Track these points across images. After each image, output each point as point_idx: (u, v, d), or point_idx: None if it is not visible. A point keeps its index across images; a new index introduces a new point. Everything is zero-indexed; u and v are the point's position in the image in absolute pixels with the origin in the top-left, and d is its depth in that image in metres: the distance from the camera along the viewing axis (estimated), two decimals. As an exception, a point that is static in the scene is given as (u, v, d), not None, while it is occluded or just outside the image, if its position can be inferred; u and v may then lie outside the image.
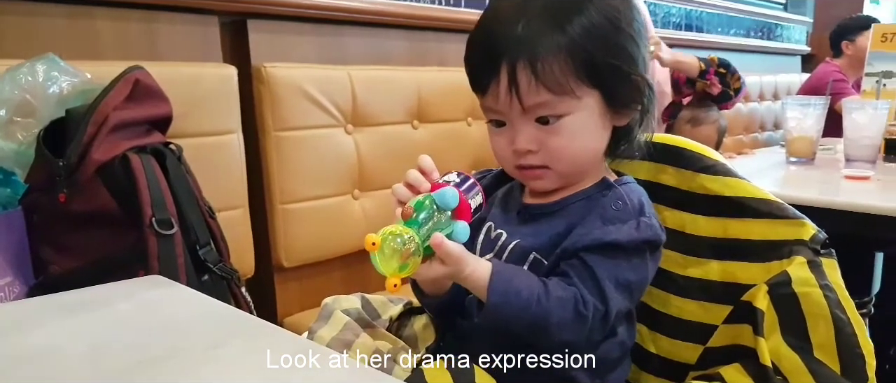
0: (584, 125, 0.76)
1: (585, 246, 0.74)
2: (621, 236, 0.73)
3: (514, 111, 0.75)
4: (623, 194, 0.78)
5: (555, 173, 0.79)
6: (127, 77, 1.19)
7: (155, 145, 1.19)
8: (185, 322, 0.75)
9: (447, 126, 2.03)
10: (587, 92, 0.75)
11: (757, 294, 0.76)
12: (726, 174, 0.84)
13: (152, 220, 1.11)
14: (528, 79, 0.72)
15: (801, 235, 0.77)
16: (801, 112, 1.69)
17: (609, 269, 0.73)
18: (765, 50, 4.09)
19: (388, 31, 1.98)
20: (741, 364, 0.74)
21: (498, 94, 0.75)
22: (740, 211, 0.82)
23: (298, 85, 1.67)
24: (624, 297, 0.75)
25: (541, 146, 0.76)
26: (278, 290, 1.73)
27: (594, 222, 0.76)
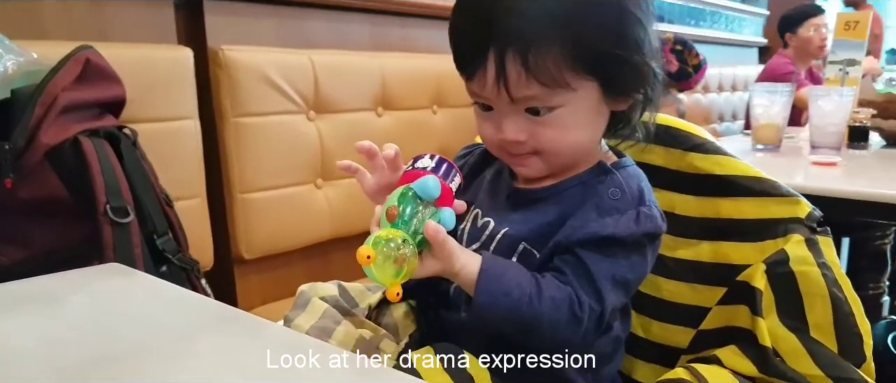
0: (578, 116, 0.70)
1: (580, 240, 0.69)
2: (619, 230, 0.69)
3: (502, 101, 0.69)
4: (621, 181, 0.72)
5: (544, 162, 0.73)
6: (77, 56, 1.12)
7: (108, 129, 1.12)
8: (150, 313, 0.69)
9: (412, 114, 1.98)
10: (584, 83, 0.69)
11: (754, 273, 0.73)
12: (716, 152, 0.81)
13: (106, 208, 1.04)
14: (519, 71, 0.66)
15: (797, 213, 0.75)
16: (767, 99, 1.69)
17: (606, 268, 0.68)
18: (723, 41, 4.13)
19: (350, 15, 1.92)
20: (738, 346, 0.72)
21: (484, 82, 0.68)
22: (732, 190, 0.79)
23: (258, 69, 1.60)
24: (620, 295, 0.71)
25: (530, 136, 0.71)
26: (238, 283, 1.67)
27: (589, 213, 0.70)
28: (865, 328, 0.69)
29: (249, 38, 1.65)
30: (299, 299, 0.81)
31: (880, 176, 1.53)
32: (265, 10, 1.72)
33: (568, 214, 0.72)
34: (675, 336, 0.83)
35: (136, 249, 1.07)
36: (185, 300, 0.74)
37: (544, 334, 0.67)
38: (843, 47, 1.84)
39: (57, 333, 0.64)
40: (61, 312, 0.69)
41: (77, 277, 0.79)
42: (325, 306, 0.78)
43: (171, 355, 0.59)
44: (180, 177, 1.45)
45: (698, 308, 0.81)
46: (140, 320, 0.67)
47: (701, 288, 0.81)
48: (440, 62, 2.08)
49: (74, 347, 0.60)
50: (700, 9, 3.87)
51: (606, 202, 0.71)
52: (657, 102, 0.76)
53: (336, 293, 0.83)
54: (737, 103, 3.91)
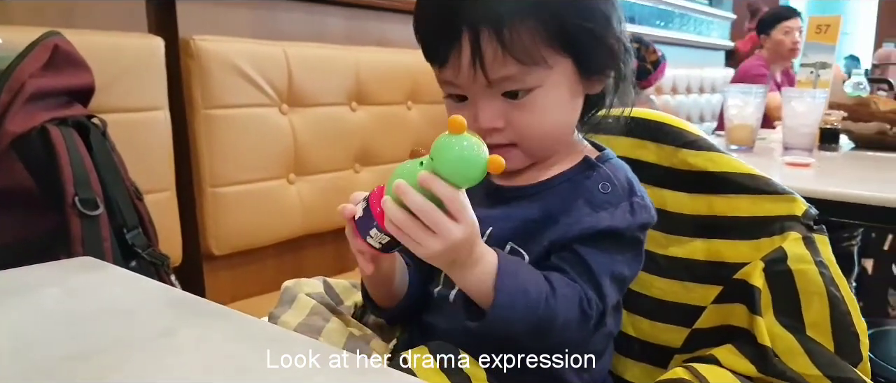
0: (556, 97, 0.69)
1: (577, 235, 0.67)
2: (616, 222, 0.67)
3: (478, 85, 0.67)
4: (609, 174, 0.71)
5: (522, 152, 0.71)
6: (45, 43, 1.08)
7: (77, 118, 1.08)
8: (127, 308, 0.66)
9: (386, 109, 1.96)
10: (560, 60, 0.67)
11: (752, 272, 0.72)
12: (709, 149, 0.81)
13: (75, 200, 1.00)
14: (495, 49, 0.64)
15: (793, 211, 0.75)
16: (741, 100, 1.70)
17: (605, 263, 0.67)
18: (691, 43, 4.18)
19: (325, 8, 1.89)
20: (735, 345, 0.71)
21: (459, 66, 0.66)
22: (725, 187, 0.79)
23: (230, 60, 1.56)
24: (617, 292, 0.70)
25: (508, 123, 0.68)
26: (207, 280, 1.63)
27: (582, 209, 0.69)
28: (862, 327, 0.69)
29: (222, 29, 1.61)
30: (284, 295, 0.78)
31: (852, 177, 1.55)
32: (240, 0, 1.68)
33: (554, 211, 0.70)
34: (667, 335, 0.82)
35: (106, 243, 1.04)
36: (165, 295, 0.71)
37: (554, 334, 0.64)
38: (814, 50, 1.87)
39: (31, 329, 0.60)
40: (34, 307, 0.66)
41: (48, 270, 0.75)
42: (313, 303, 0.75)
43: (154, 351, 0.56)
44: (149, 170, 1.40)
45: (691, 306, 0.80)
46: (118, 315, 0.64)
47: (693, 287, 0.80)
48: (415, 57, 2.03)
49: (50, 343, 0.57)
50: (668, 11, 3.91)
51: (598, 196, 0.69)
52: (629, 86, 0.75)
53: (321, 289, 0.80)
54: (704, 105, 3.96)
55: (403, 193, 0.58)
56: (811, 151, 1.62)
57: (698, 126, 3.23)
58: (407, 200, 0.58)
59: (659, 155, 0.84)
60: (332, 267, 1.90)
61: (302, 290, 0.78)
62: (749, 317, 0.71)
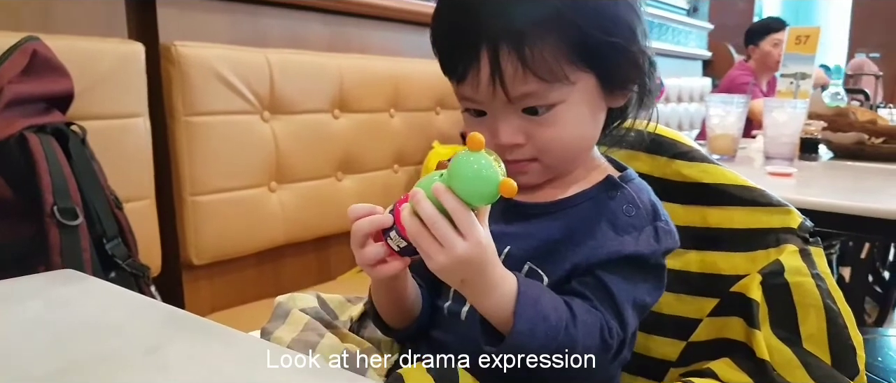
0: (578, 113, 0.67)
1: (601, 260, 0.65)
2: (642, 248, 0.65)
3: (498, 101, 0.65)
4: (633, 196, 0.69)
5: (542, 166, 0.69)
6: (23, 47, 1.05)
7: (56, 125, 1.05)
8: (112, 323, 0.64)
9: (369, 116, 1.94)
10: (582, 75, 0.65)
11: (750, 284, 0.72)
12: (703, 160, 0.80)
13: (54, 209, 0.98)
14: (515, 66, 0.62)
15: (788, 223, 0.74)
16: (723, 109, 1.71)
17: (628, 291, 0.65)
18: (670, 53, 4.21)
19: (306, 14, 1.87)
20: (732, 358, 0.70)
21: (478, 83, 0.64)
22: (720, 198, 0.78)
23: (212, 66, 1.54)
24: (638, 319, 0.67)
25: (529, 139, 0.67)
26: (187, 290, 1.60)
27: (606, 232, 0.66)
28: (858, 340, 0.69)
29: (203, 35, 1.59)
30: (277, 310, 0.76)
31: (832, 186, 1.57)
32: (220, 5, 1.66)
33: (577, 232, 0.68)
34: (661, 347, 0.81)
35: (85, 253, 1.01)
36: (150, 309, 0.69)
37: (574, 363, 0.61)
38: (794, 61, 1.89)
39: (12, 343, 0.58)
40: (15, 320, 0.64)
41: (29, 283, 0.73)
42: (307, 318, 0.73)
43: (140, 368, 0.55)
44: (129, 178, 1.38)
45: (685, 319, 0.79)
46: (103, 330, 0.62)
47: (687, 299, 0.80)
48: (397, 64, 2.05)
49: (32, 359, 0.55)
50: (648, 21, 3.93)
51: (622, 219, 0.67)
52: (653, 99, 0.73)
53: (316, 304, 0.78)
54: (682, 114, 3.99)
55: (416, 202, 0.58)
56: (792, 161, 1.63)
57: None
58: (418, 209, 0.58)
59: (652, 166, 0.83)
60: (313, 276, 1.88)
61: (295, 305, 0.76)
62: (746, 331, 0.71)
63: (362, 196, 1.92)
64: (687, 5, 4.58)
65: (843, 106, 1.81)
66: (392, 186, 2.04)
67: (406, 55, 2.09)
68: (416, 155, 2.09)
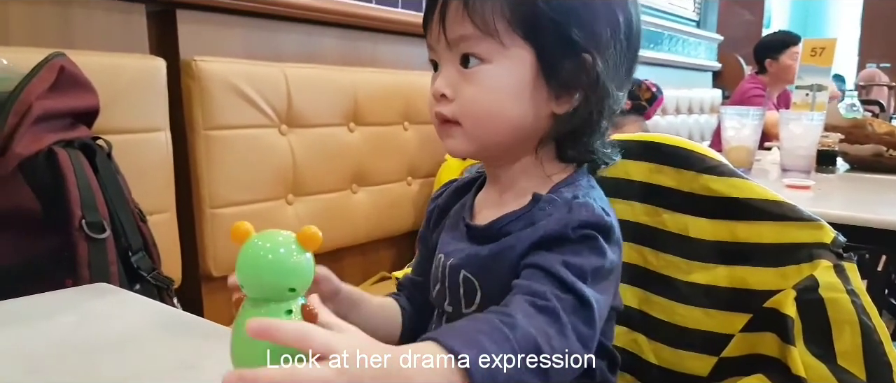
0: (505, 80, 0.66)
1: (521, 252, 0.64)
2: (551, 225, 0.63)
3: (441, 46, 0.69)
4: (551, 197, 0.67)
5: (464, 132, 0.68)
6: (50, 64, 1.07)
7: (83, 139, 1.07)
8: (146, 336, 0.65)
9: (383, 129, 1.96)
10: (517, 43, 0.66)
11: (784, 300, 0.72)
12: (732, 175, 0.80)
13: (82, 222, 0.99)
14: (458, 7, 0.66)
15: (821, 238, 0.74)
16: (738, 121, 1.71)
17: (552, 258, 0.61)
18: (679, 65, 4.22)
19: (322, 29, 1.89)
20: (765, 374, 0.70)
21: (432, 26, 0.69)
22: (748, 213, 0.78)
23: (231, 81, 1.56)
24: (587, 283, 0.60)
25: (455, 93, 0.68)
26: (206, 301, 1.61)
27: (524, 232, 0.66)
28: (893, 356, 0.68)
29: (222, 50, 1.61)
30: None
31: (850, 199, 1.57)
32: (238, 20, 1.67)
33: (502, 247, 0.67)
34: (689, 362, 0.81)
35: (112, 266, 1.02)
36: (182, 322, 0.70)
37: (545, 351, 0.54)
38: (809, 72, 1.89)
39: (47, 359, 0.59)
40: (49, 335, 0.65)
41: (62, 297, 0.74)
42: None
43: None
44: (150, 191, 1.39)
45: (713, 334, 0.79)
46: (137, 344, 0.63)
47: (716, 314, 0.80)
48: (410, 78, 2.06)
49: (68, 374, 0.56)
50: (658, 33, 3.95)
51: (537, 216, 0.66)
52: (599, 124, 0.69)
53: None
54: (693, 125, 4.00)
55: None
56: (809, 173, 1.63)
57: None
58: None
59: (678, 180, 0.83)
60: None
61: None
62: (781, 347, 0.71)
63: (376, 208, 1.93)
64: (696, 17, 4.59)
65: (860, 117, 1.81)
66: (405, 199, 2.05)
67: (418, 69, 2.11)
68: (429, 168, 2.10)
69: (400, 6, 2.10)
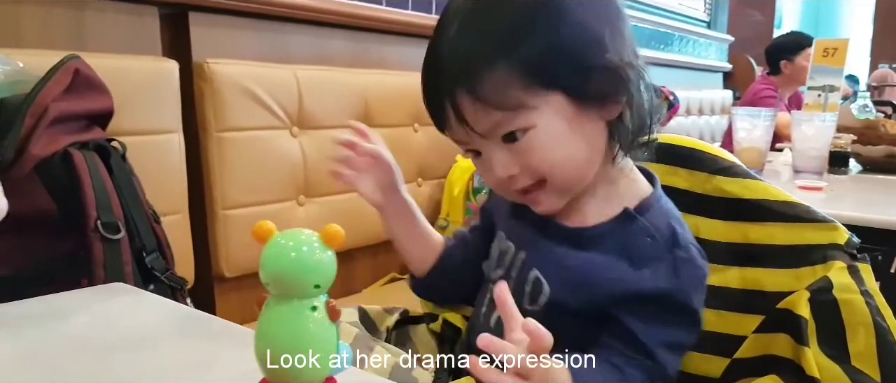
0: (554, 133, 0.66)
1: (618, 298, 0.66)
2: (660, 283, 0.65)
3: (476, 139, 0.68)
4: (649, 228, 0.68)
5: (551, 189, 0.69)
6: (66, 66, 1.07)
7: (97, 141, 1.08)
8: (162, 336, 0.66)
9: (393, 131, 1.96)
10: (547, 97, 0.66)
11: (798, 301, 0.72)
12: (745, 176, 0.81)
13: (97, 223, 1.00)
14: (472, 104, 0.65)
15: (835, 239, 0.74)
16: (750, 123, 1.71)
17: (655, 334, 0.66)
18: (690, 66, 4.21)
19: (331, 31, 1.89)
20: (779, 375, 0.70)
21: (453, 128, 0.68)
22: (762, 214, 0.78)
23: (242, 83, 1.56)
24: (677, 359, 0.68)
25: (521, 166, 0.68)
26: (218, 302, 1.62)
27: (623, 267, 0.67)
28: None
29: (233, 52, 1.62)
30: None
31: (864, 200, 1.56)
32: (249, 22, 1.68)
33: (592, 264, 0.69)
34: (701, 364, 0.81)
35: (127, 267, 1.03)
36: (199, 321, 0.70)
37: None
38: (821, 73, 1.89)
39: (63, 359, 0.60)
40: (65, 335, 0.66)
41: (77, 297, 0.75)
42: (356, 331, 0.74)
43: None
44: (163, 192, 1.39)
45: (726, 335, 0.79)
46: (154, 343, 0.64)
47: (728, 315, 0.80)
48: (419, 80, 2.06)
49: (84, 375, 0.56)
50: (668, 33, 3.94)
51: (638, 251, 0.67)
52: (651, 105, 0.71)
53: (357, 318, 0.80)
54: (703, 126, 3.98)
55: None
56: (822, 174, 1.62)
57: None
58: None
59: (691, 181, 0.83)
60: (339, 289, 1.89)
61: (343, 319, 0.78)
62: (794, 348, 0.71)
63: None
64: (707, 17, 4.57)
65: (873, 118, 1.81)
66: (416, 200, 2.04)
67: (430, 69, 2.11)
68: (440, 169, 2.10)
69: (409, 7, 2.11)
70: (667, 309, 0.66)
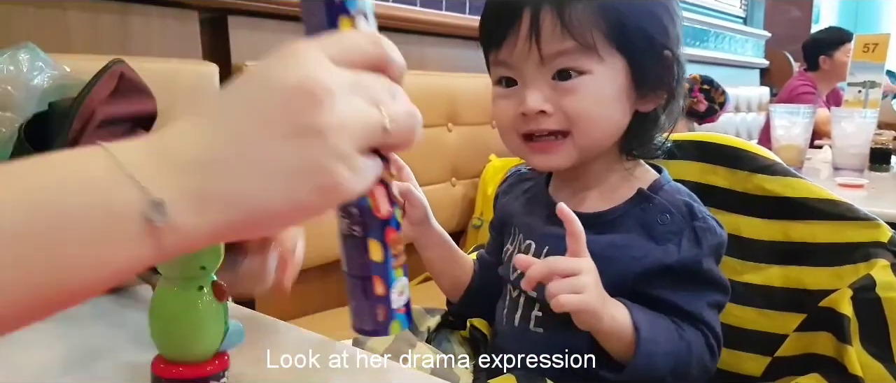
0: (605, 91, 0.68)
1: (646, 270, 0.68)
2: (685, 255, 0.67)
3: (531, 62, 0.68)
4: (665, 204, 0.70)
5: (572, 143, 0.69)
6: (111, 71, 1.10)
7: (142, 144, 1.10)
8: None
9: (427, 131, 1.94)
10: (613, 55, 0.68)
11: (840, 300, 0.72)
12: (786, 174, 0.80)
13: (143, 224, 1.02)
14: (553, 23, 0.66)
15: (878, 237, 0.74)
16: (788, 120, 1.69)
17: (695, 300, 0.68)
18: (726, 62, 4.16)
19: (367, 32, 1.91)
20: (821, 374, 0.70)
21: (515, 42, 0.68)
22: (803, 212, 0.78)
23: (280, 85, 1.59)
24: (717, 318, 0.71)
25: (556, 107, 0.68)
26: (257, 301, 1.64)
27: (645, 244, 0.68)
28: None
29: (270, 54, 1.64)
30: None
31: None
32: (286, 26, 1.71)
33: (614, 245, 0.69)
34: (744, 363, 0.81)
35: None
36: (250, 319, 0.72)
37: (691, 375, 0.67)
38: (862, 69, 1.86)
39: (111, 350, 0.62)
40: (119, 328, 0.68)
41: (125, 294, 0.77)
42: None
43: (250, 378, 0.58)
44: (203, 194, 1.42)
45: (768, 334, 0.79)
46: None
47: (771, 314, 0.80)
48: (454, 80, 2.08)
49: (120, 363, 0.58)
50: (704, 30, 3.90)
51: (658, 228, 0.69)
52: (677, 112, 0.73)
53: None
54: (739, 124, 3.93)
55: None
56: (862, 172, 1.60)
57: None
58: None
59: (731, 180, 0.83)
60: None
61: None
62: (837, 346, 0.70)
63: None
64: (743, 13, 4.51)
65: (914, 115, 1.78)
66: (449, 200, 2.06)
67: (462, 70, 2.12)
68: (473, 168, 2.11)
69: (443, 8, 2.12)
70: (697, 277, 0.68)
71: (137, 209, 0.33)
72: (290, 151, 0.34)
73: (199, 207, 0.34)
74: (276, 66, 0.37)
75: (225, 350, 0.52)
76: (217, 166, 0.34)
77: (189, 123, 0.36)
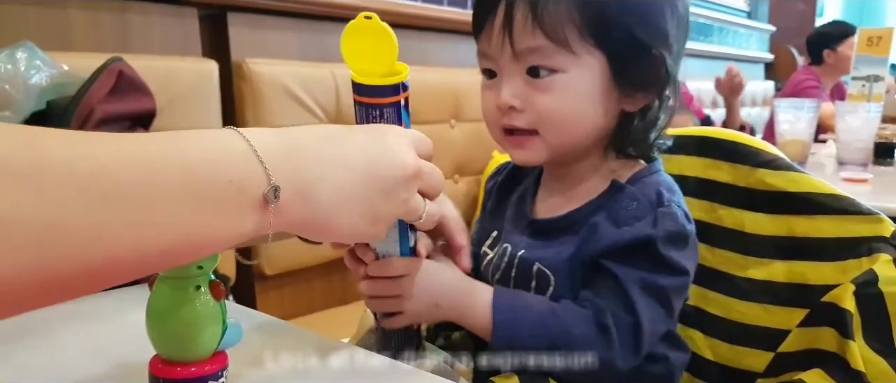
0: (580, 88, 0.67)
1: (601, 251, 0.67)
2: (638, 233, 0.66)
3: (505, 56, 0.67)
4: (635, 192, 0.69)
5: (542, 142, 0.69)
6: (110, 68, 1.09)
7: (141, 142, 1.10)
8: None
9: (430, 128, 1.96)
10: (589, 51, 0.66)
11: (843, 294, 0.71)
12: (789, 169, 0.79)
13: (143, 222, 1.02)
14: (525, 17, 0.65)
15: (881, 232, 0.73)
16: (793, 115, 1.68)
17: (632, 274, 0.66)
18: (730, 57, 4.14)
19: (369, 29, 1.90)
20: (824, 369, 0.69)
21: (491, 33, 0.68)
22: (807, 207, 0.77)
23: (281, 82, 1.58)
24: (657, 306, 0.67)
25: (527, 104, 0.67)
26: (259, 299, 1.64)
27: (606, 227, 0.67)
28: None
29: (272, 51, 1.64)
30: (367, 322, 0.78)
31: (911, 192, 1.52)
32: (286, 22, 1.70)
33: (585, 237, 0.69)
34: (747, 359, 0.80)
35: (171, 265, 1.05)
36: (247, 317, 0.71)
37: (577, 348, 0.64)
38: (866, 63, 1.85)
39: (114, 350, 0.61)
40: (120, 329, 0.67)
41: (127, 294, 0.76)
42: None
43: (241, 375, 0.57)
44: (204, 192, 1.42)
45: (772, 329, 0.78)
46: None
47: (775, 309, 0.79)
48: (457, 76, 2.08)
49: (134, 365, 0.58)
50: (708, 25, 3.88)
51: (621, 214, 0.68)
52: (665, 122, 0.72)
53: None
54: (744, 118, 3.91)
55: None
56: (867, 166, 1.59)
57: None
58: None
59: (734, 175, 0.82)
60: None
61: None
62: (839, 341, 0.70)
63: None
64: (747, 7, 4.50)
65: (919, 108, 1.76)
66: (453, 196, 2.06)
67: (465, 66, 2.11)
68: (477, 165, 2.10)
69: (445, 4, 2.11)
70: (645, 255, 0.66)
71: (259, 189, 0.42)
72: (380, 204, 0.51)
73: (297, 203, 0.45)
74: (390, 142, 0.54)
75: (223, 349, 0.51)
76: (322, 185, 0.47)
77: (312, 137, 0.49)
